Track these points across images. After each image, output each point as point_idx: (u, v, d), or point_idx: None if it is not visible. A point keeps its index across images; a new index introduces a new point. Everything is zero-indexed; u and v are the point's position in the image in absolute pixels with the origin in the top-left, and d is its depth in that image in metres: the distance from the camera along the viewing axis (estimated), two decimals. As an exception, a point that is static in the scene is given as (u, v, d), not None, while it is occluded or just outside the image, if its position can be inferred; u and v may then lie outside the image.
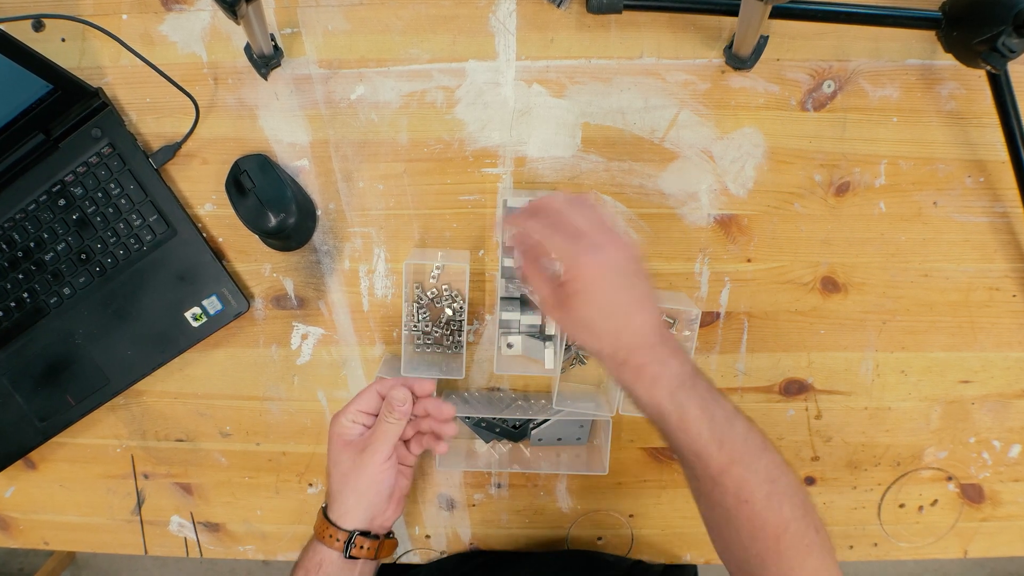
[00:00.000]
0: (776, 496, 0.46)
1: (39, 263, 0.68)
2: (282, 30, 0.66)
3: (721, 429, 0.46)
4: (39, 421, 0.70)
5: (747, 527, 0.47)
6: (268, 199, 0.63)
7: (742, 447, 0.46)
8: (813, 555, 0.46)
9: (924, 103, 0.66)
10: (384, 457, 0.56)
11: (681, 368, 0.47)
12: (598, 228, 0.48)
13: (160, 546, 0.76)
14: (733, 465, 0.46)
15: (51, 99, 0.63)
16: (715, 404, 0.47)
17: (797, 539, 0.46)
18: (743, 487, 0.46)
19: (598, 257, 0.47)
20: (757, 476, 0.46)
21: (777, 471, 0.47)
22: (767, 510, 0.46)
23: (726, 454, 0.46)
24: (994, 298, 0.69)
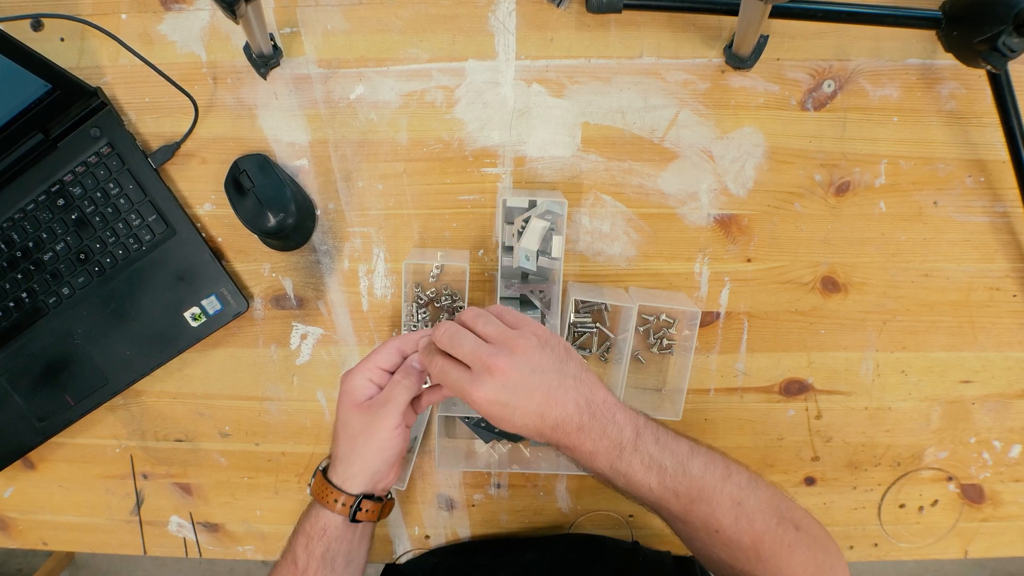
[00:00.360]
0: (744, 517, 0.47)
1: (38, 263, 0.68)
2: (281, 30, 0.66)
3: (674, 478, 0.47)
4: (38, 421, 0.70)
5: (725, 550, 0.49)
6: (267, 199, 0.62)
7: (699, 484, 0.47)
8: (797, 552, 0.48)
9: (924, 103, 0.66)
10: (395, 423, 0.53)
11: (619, 435, 0.48)
12: (500, 333, 0.49)
13: (159, 546, 0.76)
14: (693, 504, 0.47)
15: (50, 99, 0.63)
16: (664, 455, 0.48)
17: (776, 544, 0.48)
18: (710, 521, 0.48)
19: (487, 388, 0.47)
20: (721, 507, 0.47)
21: (742, 492, 0.48)
22: (739, 532, 0.47)
23: (684, 499, 0.47)
24: (994, 298, 0.69)
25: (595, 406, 0.48)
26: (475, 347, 0.48)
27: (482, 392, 0.47)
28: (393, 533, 0.75)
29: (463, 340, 0.48)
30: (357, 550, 0.56)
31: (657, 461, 0.47)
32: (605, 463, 0.47)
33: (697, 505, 0.47)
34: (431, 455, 0.72)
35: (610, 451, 0.47)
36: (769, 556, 0.47)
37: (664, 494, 0.47)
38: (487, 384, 0.47)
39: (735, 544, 0.48)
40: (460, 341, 0.49)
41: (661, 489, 0.47)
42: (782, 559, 0.47)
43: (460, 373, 0.48)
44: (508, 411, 0.47)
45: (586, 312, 0.70)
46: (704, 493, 0.47)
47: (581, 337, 0.70)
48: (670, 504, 0.48)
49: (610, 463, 0.47)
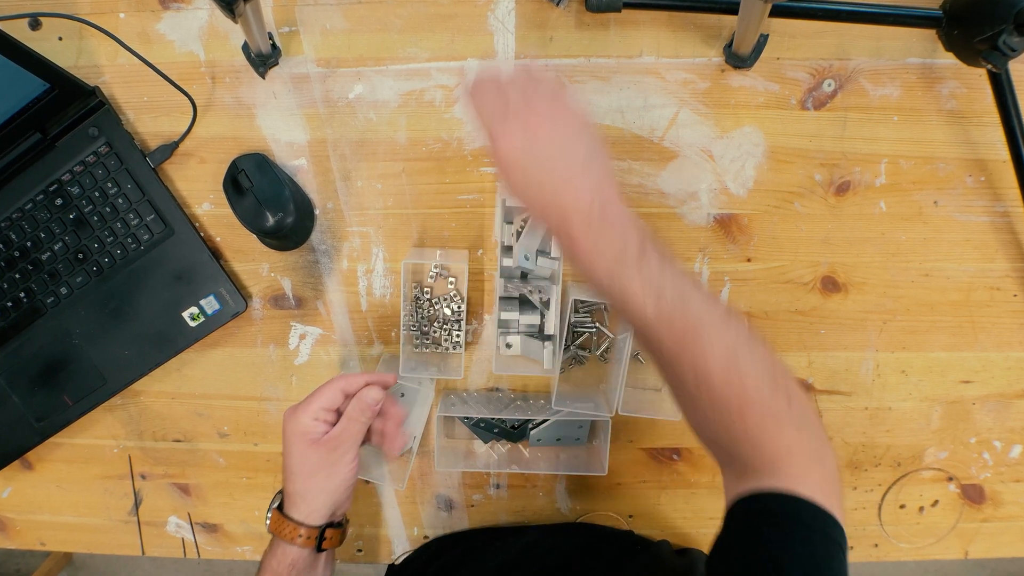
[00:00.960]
0: (736, 370, 0.43)
1: (36, 263, 0.67)
2: (280, 29, 0.66)
3: (672, 307, 0.43)
4: (36, 421, 0.70)
5: (710, 407, 0.44)
6: (266, 198, 0.62)
7: (696, 321, 0.43)
8: (786, 429, 0.43)
9: (925, 102, 0.66)
10: (354, 456, 0.57)
11: (624, 244, 0.44)
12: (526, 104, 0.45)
13: (157, 547, 0.76)
14: (687, 341, 0.43)
15: (48, 98, 0.62)
16: (665, 279, 0.44)
17: (764, 412, 0.43)
18: (700, 364, 0.43)
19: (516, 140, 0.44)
20: (715, 351, 0.43)
21: (738, 341, 0.43)
22: (728, 386, 0.43)
23: (678, 333, 0.43)
24: (995, 298, 0.69)
25: (608, 205, 0.44)
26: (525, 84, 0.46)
27: (507, 138, 0.44)
28: (392, 534, 0.75)
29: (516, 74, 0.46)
30: (324, 573, 0.59)
31: (657, 284, 0.43)
32: (604, 272, 0.44)
33: (690, 343, 0.43)
34: (430, 455, 0.72)
35: (611, 261, 0.44)
36: (755, 425, 0.43)
37: (659, 322, 0.43)
38: (516, 132, 0.44)
39: (721, 401, 0.43)
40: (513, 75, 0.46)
41: (656, 316, 0.43)
42: (767, 432, 0.43)
43: (497, 108, 0.45)
44: (524, 177, 0.45)
45: (586, 312, 0.69)
46: (699, 331, 0.43)
47: (581, 337, 0.70)
48: (662, 336, 0.44)
49: (609, 274, 0.44)
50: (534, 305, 0.67)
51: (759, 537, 0.42)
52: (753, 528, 0.42)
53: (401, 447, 0.60)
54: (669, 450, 0.72)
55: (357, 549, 0.76)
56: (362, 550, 0.76)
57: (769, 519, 0.42)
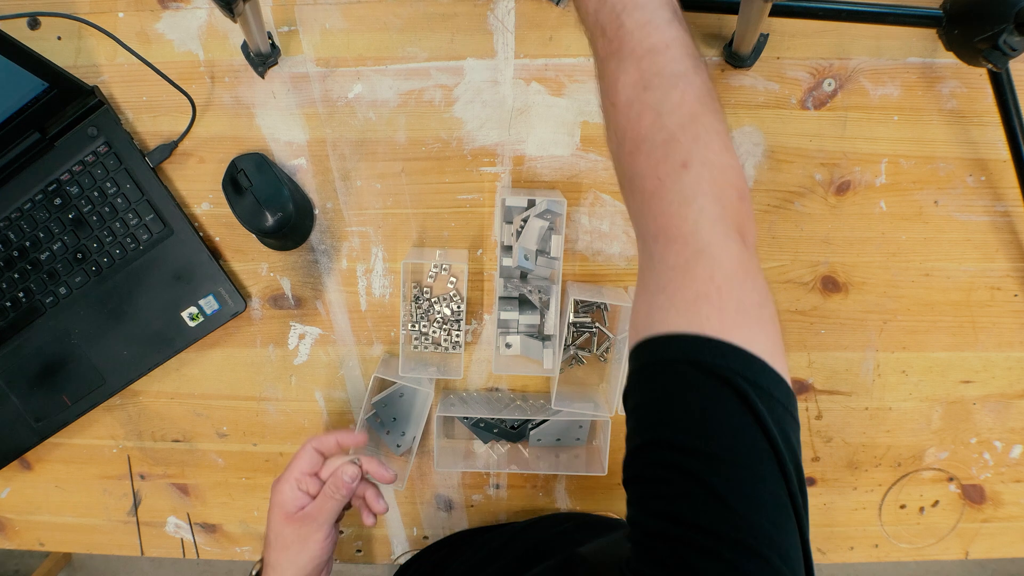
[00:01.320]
0: (639, 104, 0.38)
1: (35, 262, 0.67)
2: (279, 28, 0.66)
3: (607, 15, 0.40)
4: (35, 421, 0.70)
5: (612, 138, 0.41)
6: (265, 198, 0.62)
7: (624, 39, 0.39)
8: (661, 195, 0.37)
9: (925, 101, 0.66)
10: (325, 534, 0.56)
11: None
12: None
13: (156, 547, 0.76)
14: (611, 56, 0.40)
15: (47, 97, 0.62)
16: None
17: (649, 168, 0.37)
18: (611, 87, 0.40)
19: None
20: (625, 77, 0.39)
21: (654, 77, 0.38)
22: (626, 120, 0.39)
23: (607, 42, 0.40)
24: (995, 298, 0.69)
25: None
26: None
27: None
28: (391, 534, 0.75)
29: None
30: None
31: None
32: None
33: (613, 59, 0.40)
34: (430, 455, 0.72)
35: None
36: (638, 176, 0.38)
37: (594, 27, 0.41)
38: None
39: (619, 131, 0.40)
40: None
41: (594, 19, 0.41)
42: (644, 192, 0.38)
43: None
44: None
45: (585, 312, 0.69)
46: (623, 50, 0.39)
47: (580, 337, 0.70)
48: (597, 39, 0.41)
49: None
50: (534, 305, 0.67)
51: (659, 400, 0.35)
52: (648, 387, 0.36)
53: (381, 512, 0.60)
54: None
55: (356, 550, 0.76)
56: (361, 550, 0.76)
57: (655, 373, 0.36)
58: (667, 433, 0.34)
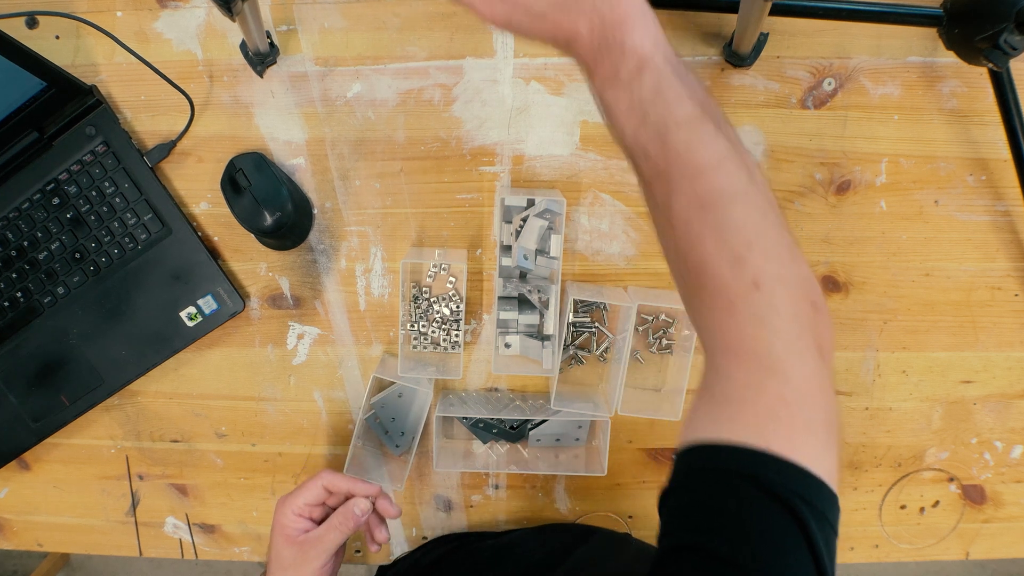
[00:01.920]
0: (700, 226, 0.37)
1: (33, 262, 0.67)
2: (278, 27, 0.66)
3: (649, 137, 0.38)
4: (33, 422, 0.70)
5: (673, 256, 0.40)
6: (264, 198, 0.62)
7: (672, 159, 0.38)
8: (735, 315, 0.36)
9: (925, 101, 0.66)
10: (325, 562, 0.55)
11: (618, 63, 0.39)
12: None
13: (155, 548, 0.76)
14: (658, 177, 0.39)
15: (45, 97, 0.62)
16: (656, 105, 0.39)
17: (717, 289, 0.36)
18: (665, 205, 0.39)
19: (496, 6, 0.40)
20: (679, 198, 0.38)
21: (712, 195, 0.37)
22: (687, 243, 0.38)
23: (651, 164, 0.39)
24: (996, 297, 0.69)
25: (608, 26, 0.39)
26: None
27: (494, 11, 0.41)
28: (390, 535, 0.75)
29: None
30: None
31: (643, 108, 0.39)
32: (598, 87, 0.41)
33: (661, 179, 0.38)
34: (429, 456, 0.72)
35: (605, 77, 0.40)
36: (707, 296, 0.37)
37: (635, 147, 0.40)
38: (497, 5, 0.40)
39: (681, 253, 0.38)
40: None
41: (633, 140, 0.39)
42: (715, 311, 0.36)
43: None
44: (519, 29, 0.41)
45: (585, 312, 0.69)
46: (672, 172, 0.38)
47: (580, 337, 0.69)
48: (640, 163, 0.40)
49: (602, 88, 0.40)
50: (533, 305, 0.67)
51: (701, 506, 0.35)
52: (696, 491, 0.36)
53: (383, 541, 0.59)
54: (669, 450, 0.72)
55: (356, 550, 0.75)
56: (360, 551, 0.75)
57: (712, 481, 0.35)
58: (711, 542, 0.33)
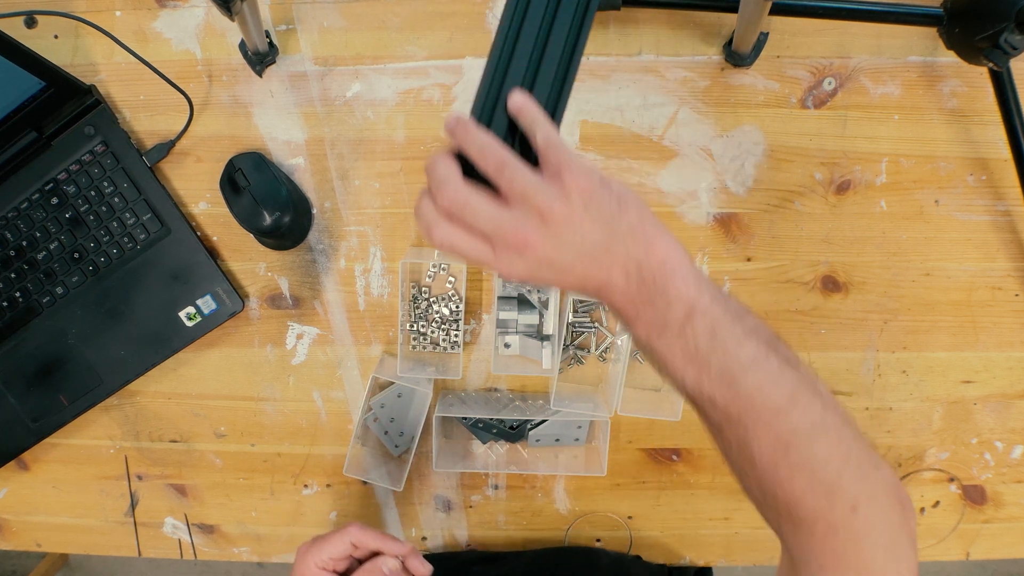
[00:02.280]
0: (786, 467, 0.37)
1: (32, 262, 0.67)
2: (277, 27, 0.65)
3: (715, 385, 0.37)
4: (32, 422, 0.69)
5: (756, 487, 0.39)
6: (263, 197, 0.62)
7: (743, 404, 0.37)
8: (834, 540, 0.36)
9: (925, 100, 0.65)
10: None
11: (665, 312, 0.38)
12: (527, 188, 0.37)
13: (154, 548, 0.75)
14: (731, 423, 0.38)
15: (44, 96, 0.62)
16: (715, 352, 0.37)
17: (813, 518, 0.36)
18: (742, 447, 0.38)
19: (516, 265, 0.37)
20: (762, 442, 0.37)
21: (795, 436, 0.37)
22: (774, 481, 0.37)
23: (720, 412, 0.38)
24: (996, 297, 0.69)
25: (647, 271, 0.38)
26: (493, 218, 0.37)
27: (510, 271, 0.38)
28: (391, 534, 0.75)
29: (478, 211, 0.37)
30: None
31: (702, 356, 0.37)
32: (643, 335, 0.39)
33: (734, 425, 0.37)
34: (428, 456, 0.71)
35: (650, 326, 0.38)
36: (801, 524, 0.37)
37: (699, 396, 0.38)
38: (517, 264, 0.37)
39: (768, 489, 0.38)
40: (475, 213, 0.37)
41: (696, 389, 0.38)
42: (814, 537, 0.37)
43: (480, 251, 0.38)
44: (544, 282, 0.39)
45: (585, 312, 0.69)
46: (745, 418, 0.37)
47: (580, 337, 0.69)
48: (707, 410, 0.39)
49: (648, 338, 0.39)
50: (533, 305, 0.67)
51: None
52: None
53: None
54: (668, 451, 0.72)
55: None
56: None
57: None
58: None
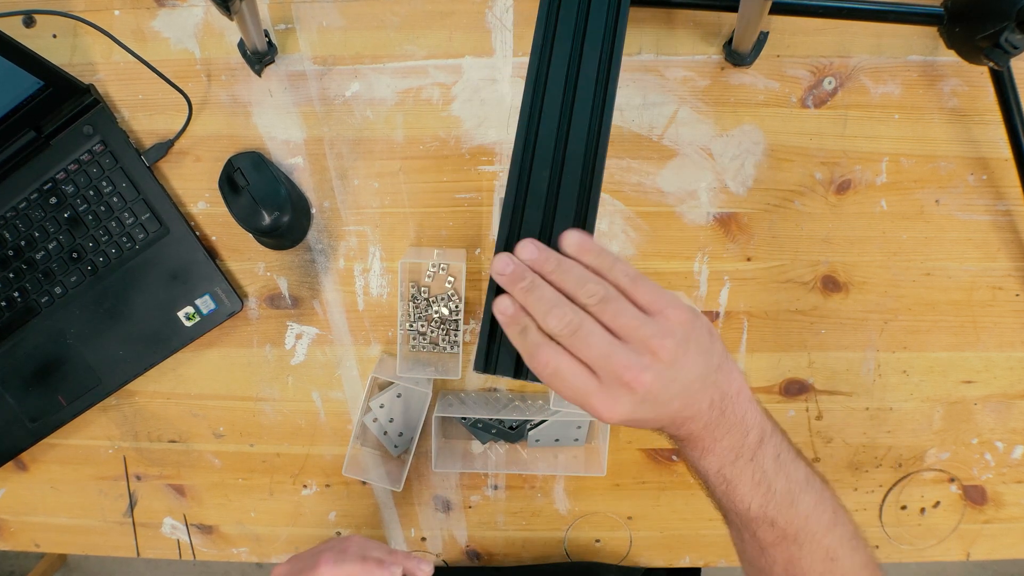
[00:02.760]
0: None
1: (30, 262, 0.67)
2: (276, 26, 0.65)
3: (778, 507, 0.41)
4: (30, 422, 0.69)
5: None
6: (262, 197, 0.62)
7: (801, 524, 0.41)
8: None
9: (926, 100, 0.65)
10: None
11: (742, 439, 0.40)
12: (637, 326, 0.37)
13: (153, 548, 0.75)
14: (786, 542, 0.41)
15: (42, 96, 0.62)
16: (779, 476, 0.41)
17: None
18: (792, 565, 0.42)
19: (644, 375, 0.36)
20: (814, 557, 0.41)
21: (841, 548, 0.42)
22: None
23: (778, 531, 0.41)
24: (997, 297, 0.68)
25: (728, 400, 0.40)
26: (608, 351, 0.36)
27: (616, 411, 0.37)
28: (389, 536, 0.75)
29: (591, 339, 0.36)
30: None
31: (769, 480, 0.40)
32: (715, 465, 0.41)
33: (789, 544, 0.41)
34: (427, 456, 0.71)
35: (726, 453, 0.40)
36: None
37: (761, 519, 0.41)
38: (623, 401, 0.37)
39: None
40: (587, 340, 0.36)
41: (760, 512, 0.41)
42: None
43: (585, 382, 0.37)
44: (635, 423, 0.39)
45: (584, 312, 0.69)
46: (801, 535, 0.41)
47: (579, 337, 0.69)
48: (761, 532, 0.41)
49: (720, 467, 0.41)
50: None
51: None
52: None
53: None
54: (668, 451, 0.72)
55: None
56: None
57: None
58: None
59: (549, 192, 0.42)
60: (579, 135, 0.43)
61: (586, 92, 0.43)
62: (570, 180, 0.42)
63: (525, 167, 0.42)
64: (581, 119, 0.43)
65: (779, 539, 0.41)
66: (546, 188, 0.42)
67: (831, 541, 0.41)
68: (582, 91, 0.43)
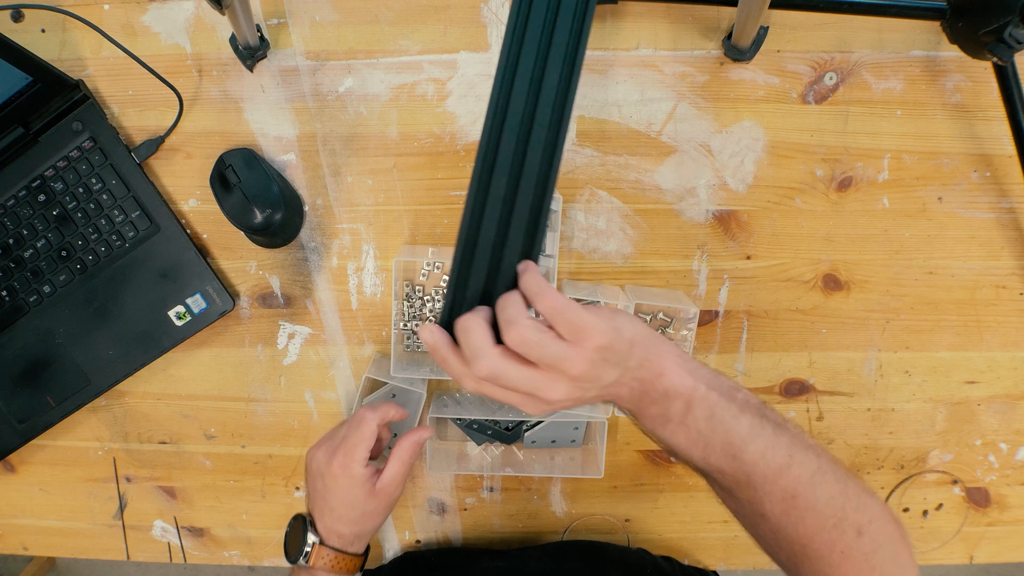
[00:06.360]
0: (795, 511, 0.44)
1: (18, 260, 0.66)
2: (268, 21, 0.64)
3: (721, 458, 0.44)
4: (18, 423, 0.68)
5: (771, 536, 0.46)
6: (254, 194, 0.61)
7: (749, 471, 0.44)
8: (850, 560, 0.44)
9: (928, 96, 0.64)
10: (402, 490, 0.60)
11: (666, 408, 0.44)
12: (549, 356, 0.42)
13: (143, 551, 0.74)
14: (740, 487, 0.45)
15: (30, 92, 0.61)
16: (716, 433, 0.44)
17: (827, 547, 0.44)
18: (756, 506, 0.45)
19: (596, 339, 0.41)
20: (771, 496, 0.44)
21: (799, 486, 0.44)
22: (787, 525, 0.44)
23: (729, 479, 0.45)
24: (1000, 296, 0.67)
25: (647, 384, 0.44)
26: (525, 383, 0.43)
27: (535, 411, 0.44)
28: (383, 537, 0.74)
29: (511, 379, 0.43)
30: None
31: (705, 438, 0.44)
32: (648, 426, 0.46)
33: (744, 488, 0.45)
34: (422, 458, 0.70)
35: (655, 419, 0.45)
36: (817, 557, 0.44)
37: (709, 469, 0.45)
38: (540, 409, 0.44)
39: (781, 534, 0.45)
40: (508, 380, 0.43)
41: (704, 464, 0.45)
42: (831, 564, 0.44)
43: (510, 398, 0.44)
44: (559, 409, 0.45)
45: (581, 311, 0.68)
46: (753, 480, 0.44)
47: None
48: (716, 478, 0.46)
49: (652, 428, 0.45)
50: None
51: None
52: None
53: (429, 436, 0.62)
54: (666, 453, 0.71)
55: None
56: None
57: None
58: None
59: (505, 202, 0.44)
60: (537, 141, 0.43)
61: (547, 101, 0.44)
62: (526, 190, 0.44)
63: (484, 177, 0.43)
64: (540, 126, 0.43)
65: (734, 484, 0.45)
66: (502, 197, 0.44)
67: (787, 482, 0.44)
68: (544, 99, 0.44)
